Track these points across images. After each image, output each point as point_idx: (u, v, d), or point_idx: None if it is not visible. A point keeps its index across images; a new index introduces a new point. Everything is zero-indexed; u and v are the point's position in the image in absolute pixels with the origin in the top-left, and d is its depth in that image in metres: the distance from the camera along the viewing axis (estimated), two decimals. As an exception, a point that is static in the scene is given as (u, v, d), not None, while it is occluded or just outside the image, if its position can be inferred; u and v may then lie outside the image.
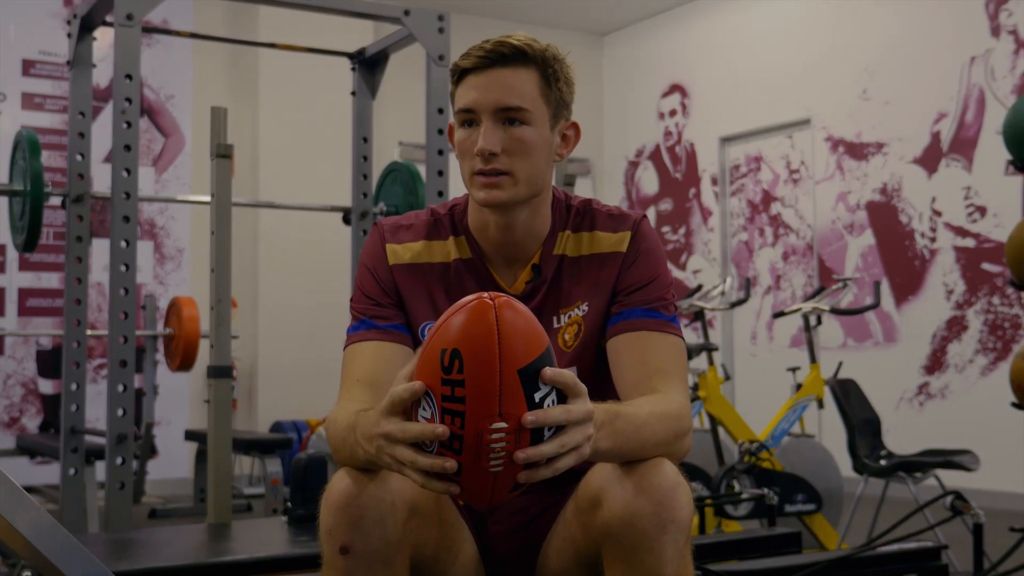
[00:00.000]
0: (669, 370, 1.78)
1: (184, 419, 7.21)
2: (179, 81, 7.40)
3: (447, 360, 1.39)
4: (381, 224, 1.93)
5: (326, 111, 7.54)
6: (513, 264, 1.89)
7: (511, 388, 1.39)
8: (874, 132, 7.02)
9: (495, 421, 1.38)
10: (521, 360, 1.40)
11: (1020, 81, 6.23)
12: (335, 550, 1.60)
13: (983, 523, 3.00)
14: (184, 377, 6.98)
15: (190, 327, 6.25)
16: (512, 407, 1.39)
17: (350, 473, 1.64)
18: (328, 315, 7.44)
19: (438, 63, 4.16)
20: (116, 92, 3.63)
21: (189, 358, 6.31)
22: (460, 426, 1.39)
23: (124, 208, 3.60)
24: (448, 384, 1.39)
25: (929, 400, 6.60)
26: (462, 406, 1.39)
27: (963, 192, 6.49)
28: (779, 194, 7.75)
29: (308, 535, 2.75)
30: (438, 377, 1.40)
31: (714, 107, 8.26)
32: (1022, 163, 3.36)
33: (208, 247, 7.27)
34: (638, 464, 1.62)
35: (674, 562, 1.58)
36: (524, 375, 1.40)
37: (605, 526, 1.62)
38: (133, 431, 3.58)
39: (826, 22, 7.42)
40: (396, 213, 4.68)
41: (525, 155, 1.79)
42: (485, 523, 1.90)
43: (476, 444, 1.39)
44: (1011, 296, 6.20)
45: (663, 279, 1.88)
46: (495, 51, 1.78)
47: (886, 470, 4.17)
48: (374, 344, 1.82)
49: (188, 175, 7.36)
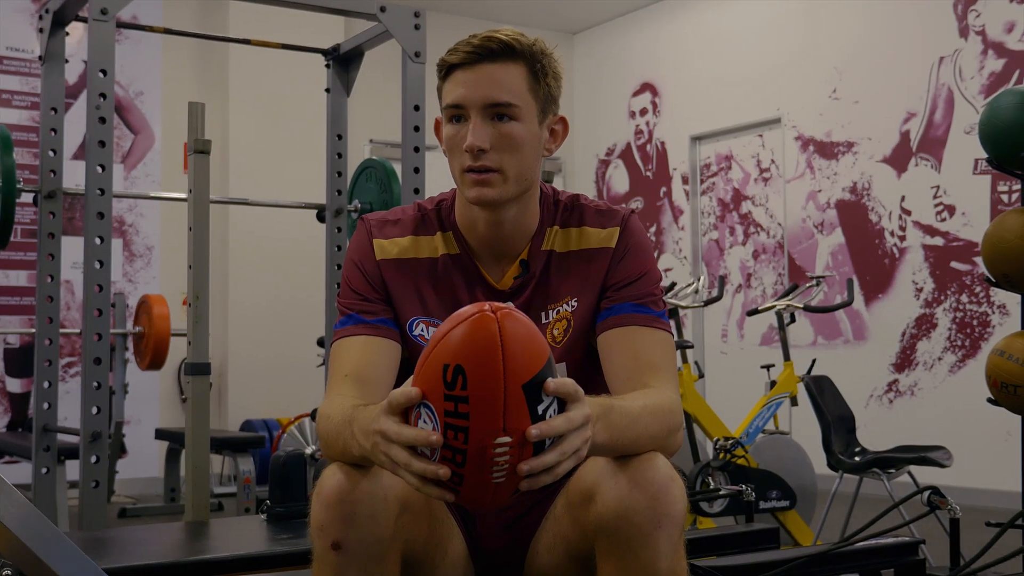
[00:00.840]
0: (659, 365, 1.78)
1: (153, 418, 7.16)
2: (148, 77, 7.34)
3: (450, 376, 1.37)
4: (368, 219, 1.92)
5: (297, 107, 7.51)
6: (501, 260, 1.89)
7: (515, 403, 1.37)
8: (844, 131, 7.07)
9: (499, 436, 1.37)
10: (525, 375, 1.38)
11: (988, 81, 6.29)
12: (327, 546, 1.59)
13: (959, 518, 3.01)
14: (153, 376, 6.93)
15: (160, 325, 6.20)
16: (516, 422, 1.38)
17: (342, 468, 1.63)
18: (298, 313, 7.41)
19: (414, 60, 4.15)
20: (90, 87, 3.59)
21: (160, 356, 6.26)
22: (464, 441, 1.37)
23: (99, 204, 3.56)
24: (451, 400, 1.37)
25: (899, 397, 6.65)
26: (466, 422, 1.37)
27: (932, 191, 6.55)
28: (749, 193, 7.79)
29: (288, 533, 2.73)
30: (440, 392, 1.38)
31: (685, 106, 8.29)
32: (998, 161, 3.39)
33: (179, 244, 7.28)
34: (631, 458, 1.62)
35: (668, 556, 1.59)
36: (528, 389, 1.38)
37: (599, 521, 1.62)
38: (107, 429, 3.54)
39: (796, 22, 7.46)
40: (370, 211, 4.66)
41: (514, 151, 1.79)
42: (474, 520, 1.89)
43: (480, 458, 1.38)
44: (979, 294, 6.26)
45: (652, 275, 1.88)
46: (483, 46, 1.78)
47: (861, 466, 4.20)
48: (362, 339, 1.81)
49: (158, 172, 7.30)
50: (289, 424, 6.37)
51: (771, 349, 7.38)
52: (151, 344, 6.25)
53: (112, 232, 3.72)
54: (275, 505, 2.93)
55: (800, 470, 4.68)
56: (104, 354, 3.56)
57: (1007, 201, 6.15)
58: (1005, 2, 6.22)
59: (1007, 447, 5.90)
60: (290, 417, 6.75)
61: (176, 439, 6.17)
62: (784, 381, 4.68)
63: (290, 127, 7.52)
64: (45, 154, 4.09)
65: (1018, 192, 6.09)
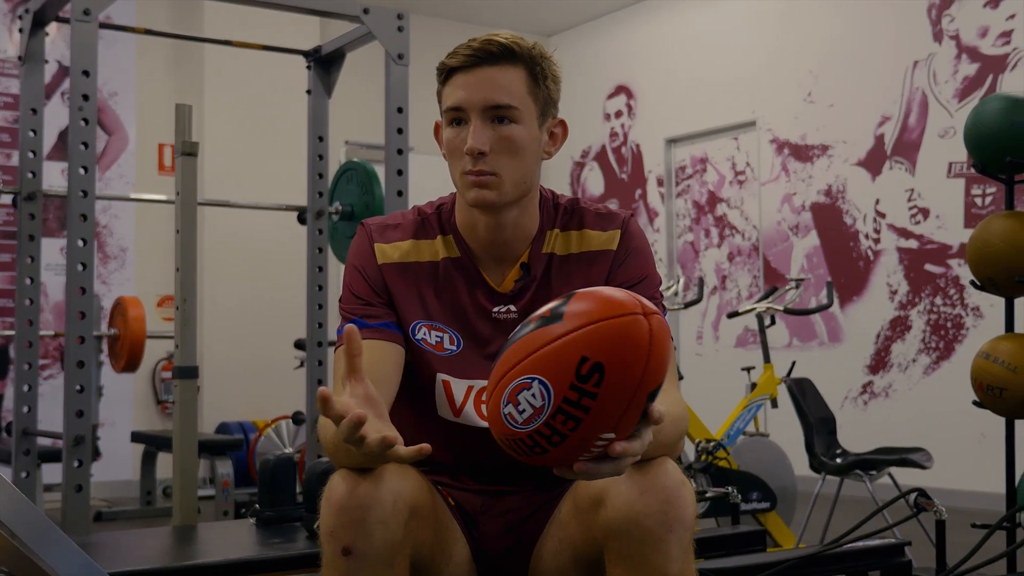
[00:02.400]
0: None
1: (127, 421, 7.10)
2: (122, 78, 7.28)
3: (586, 370, 1.33)
4: (368, 224, 1.92)
5: (273, 109, 7.49)
6: (501, 263, 1.89)
7: (636, 408, 1.37)
8: (819, 134, 7.11)
9: (607, 432, 1.37)
10: (654, 384, 1.37)
11: (962, 85, 6.35)
12: (337, 551, 1.59)
13: (946, 519, 3.04)
14: (127, 378, 6.87)
15: (136, 327, 6.14)
16: (628, 423, 1.38)
17: (350, 474, 1.62)
18: (274, 315, 7.39)
19: (397, 62, 4.14)
20: (73, 88, 3.56)
21: (135, 359, 6.20)
22: (572, 428, 1.35)
23: (81, 206, 3.54)
24: (577, 391, 1.34)
25: (873, 399, 6.70)
26: (583, 415, 1.35)
27: (906, 194, 6.60)
28: (725, 195, 7.83)
29: (279, 537, 2.72)
30: (568, 381, 1.34)
31: (660, 108, 8.31)
32: (983, 166, 3.42)
33: (154, 246, 7.24)
34: (642, 463, 1.62)
35: (679, 560, 1.59)
36: (650, 397, 1.37)
37: (609, 525, 1.62)
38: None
39: (771, 25, 7.50)
40: (352, 213, 4.65)
41: (514, 154, 1.79)
42: (477, 523, 1.89)
43: (577, 447, 1.38)
44: (953, 297, 6.31)
45: (653, 278, 1.89)
46: (483, 49, 1.78)
47: (843, 468, 4.23)
48: (365, 343, 1.81)
49: (132, 173, 7.25)
50: (266, 427, 6.34)
51: (746, 351, 7.42)
52: (126, 346, 6.19)
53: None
54: (264, 509, 2.91)
55: (780, 472, 4.71)
56: (88, 357, 3.53)
57: (980, 204, 6.21)
58: (979, 7, 6.28)
59: (981, 449, 5.97)
60: (267, 420, 6.71)
61: (152, 442, 6.13)
62: (764, 383, 4.70)
63: (266, 128, 7.49)
64: (25, 155, 4.06)
65: (991, 195, 6.17)
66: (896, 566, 2.98)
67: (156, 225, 7.34)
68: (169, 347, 7.27)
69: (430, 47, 7.59)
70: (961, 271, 6.27)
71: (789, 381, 4.49)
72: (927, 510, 3.01)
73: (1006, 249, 3.30)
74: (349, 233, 4.72)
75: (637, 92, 8.50)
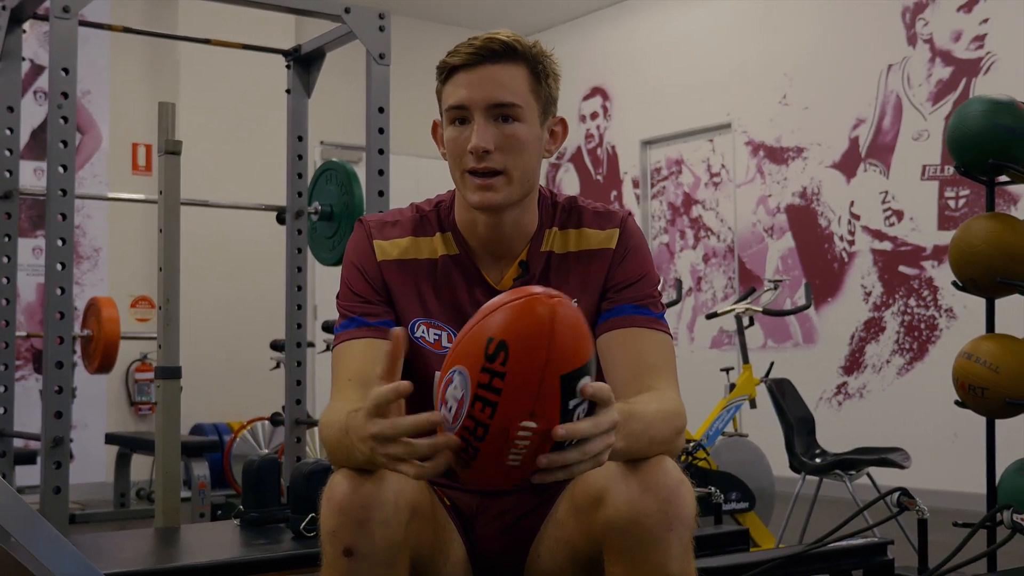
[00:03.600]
0: (662, 367, 1.79)
1: (100, 422, 7.05)
2: (96, 76, 7.22)
3: (492, 349, 1.37)
4: (366, 221, 1.91)
5: (249, 108, 7.45)
6: (500, 261, 1.89)
7: (550, 392, 1.37)
8: (794, 137, 7.15)
9: (525, 420, 1.37)
10: (566, 366, 1.38)
11: (935, 89, 6.40)
12: (338, 552, 1.58)
13: (927, 518, 3.06)
14: (100, 379, 6.82)
15: (110, 328, 6.09)
16: (545, 410, 1.37)
17: (350, 474, 1.61)
18: (250, 316, 7.35)
19: (379, 62, 4.12)
20: (52, 86, 3.52)
21: (109, 360, 6.15)
22: (490, 416, 1.37)
23: (60, 205, 3.50)
24: (488, 372, 1.37)
25: (847, 400, 6.74)
26: (497, 397, 1.37)
27: (880, 196, 6.65)
28: (700, 197, 7.85)
29: (264, 538, 2.70)
30: (479, 363, 1.38)
31: (635, 110, 8.33)
32: (966, 168, 3.45)
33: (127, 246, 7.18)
34: (641, 462, 1.62)
35: (679, 559, 1.59)
36: (565, 381, 1.38)
37: (609, 524, 1.61)
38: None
39: (747, 28, 7.53)
40: (331, 213, 4.63)
41: (518, 152, 1.78)
42: (473, 524, 1.89)
43: (501, 437, 1.38)
44: (927, 298, 6.36)
45: (651, 277, 1.89)
46: (485, 47, 1.77)
47: (823, 468, 4.25)
48: (364, 342, 1.80)
49: (105, 172, 7.18)
50: (242, 428, 6.30)
51: (721, 352, 7.45)
52: (100, 347, 6.14)
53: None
54: (248, 510, 2.89)
55: (758, 472, 4.72)
56: (66, 358, 3.50)
57: (954, 207, 6.26)
58: (952, 11, 6.33)
59: (955, 448, 6.02)
60: (242, 421, 6.67)
61: (127, 443, 6.09)
62: (743, 384, 4.71)
63: (241, 127, 7.45)
64: (1, 153, 4.01)
65: (965, 198, 6.22)
66: (878, 565, 3.00)
67: (130, 225, 7.29)
68: (143, 348, 7.23)
69: (406, 47, 7.59)
70: (935, 273, 6.32)
71: (769, 381, 4.51)
72: (910, 509, 3.04)
73: (988, 250, 3.33)
74: (328, 233, 4.70)
75: (612, 94, 8.51)
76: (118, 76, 7.33)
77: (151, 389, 7.32)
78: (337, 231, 4.65)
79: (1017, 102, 3.45)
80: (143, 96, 7.49)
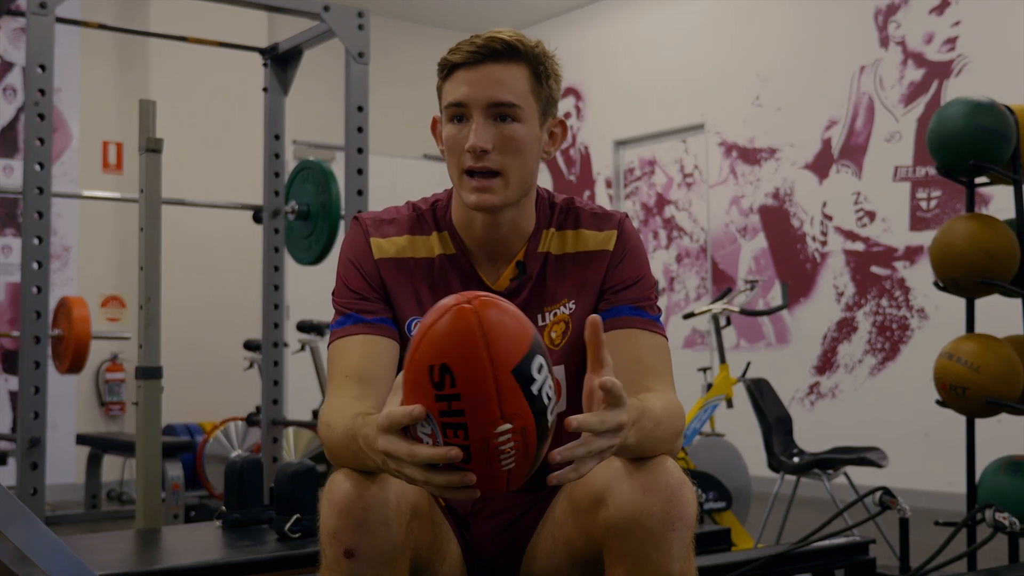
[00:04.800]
0: (660, 369, 1.79)
1: (70, 423, 6.97)
2: (66, 74, 7.13)
3: (437, 376, 1.35)
4: (363, 219, 1.89)
5: (221, 106, 7.40)
6: (496, 261, 1.87)
7: (508, 389, 1.36)
8: (767, 138, 7.18)
9: (499, 424, 1.35)
10: (513, 359, 1.36)
11: (907, 91, 6.44)
12: (339, 553, 1.57)
13: (909, 517, 3.08)
14: (70, 379, 6.75)
15: (81, 328, 6.03)
16: (513, 407, 1.36)
17: (352, 475, 1.60)
18: (223, 315, 7.30)
19: (358, 60, 4.10)
20: (29, 83, 3.49)
21: (79, 360, 6.09)
22: (464, 437, 1.36)
23: (37, 203, 3.47)
24: (444, 400, 1.35)
25: (820, 399, 6.78)
26: (462, 418, 1.35)
27: (853, 197, 6.69)
28: (673, 197, 7.87)
29: (249, 540, 2.68)
30: (431, 395, 1.36)
31: (608, 111, 8.34)
32: (947, 170, 3.47)
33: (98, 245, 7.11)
34: (643, 462, 1.62)
35: (681, 559, 1.59)
36: (519, 373, 1.37)
37: (610, 524, 1.61)
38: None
39: (720, 30, 7.56)
40: (308, 212, 4.60)
41: (516, 153, 1.77)
42: (468, 525, 1.88)
43: (484, 451, 1.36)
44: (899, 298, 6.41)
45: (648, 279, 1.89)
46: (487, 46, 1.76)
47: (802, 467, 4.27)
48: (361, 338, 1.78)
49: (75, 170, 7.11)
50: (215, 429, 6.25)
51: (695, 352, 7.48)
52: (71, 347, 6.08)
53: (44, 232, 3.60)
54: (231, 511, 2.86)
55: (735, 472, 4.74)
56: (43, 358, 3.46)
57: (925, 208, 6.31)
58: (924, 14, 6.38)
59: (926, 448, 6.07)
60: (215, 421, 6.63)
61: (98, 444, 6.03)
62: (720, 383, 4.72)
63: (213, 125, 7.40)
64: (-25, 151, 3.96)
65: (936, 199, 6.27)
66: (860, 564, 3.01)
67: (100, 224, 7.22)
68: (113, 348, 7.16)
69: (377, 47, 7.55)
70: (907, 273, 6.37)
71: (748, 381, 4.52)
72: (892, 508, 3.05)
73: (970, 250, 3.35)
74: (304, 233, 4.67)
75: (586, 94, 8.52)
76: (88, 73, 7.26)
77: (121, 389, 7.26)
78: (314, 231, 4.62)
79: (998, 104, 3.48)
80: (113, 94, 7.42)
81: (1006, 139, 3.39)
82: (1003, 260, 3.36)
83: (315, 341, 6.22)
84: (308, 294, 6.37)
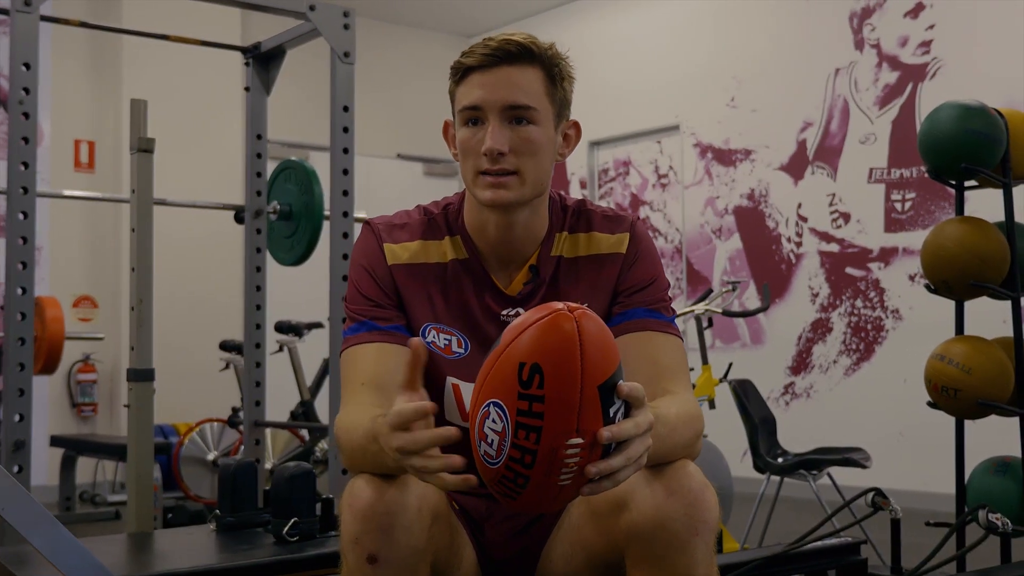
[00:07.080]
0: (677, 371, 1.79)
1: (43, 425, 6.89)
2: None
3: (526, 375, 1.35)
4: (375, 224, 1.88)
5: (197, 105, 7.34)
6: (509, 265, 1.87)
7: (590, 404, 1.36)
8: (742, 139, 7.22)
9: (572, 437, 1.35)
10: (601, 375, 1.37)
11: (882, 93, 6.49)
12: (362, 559, 1.55)
13: (900, 518, 3.10)
14: (42, 381, 6.67)
15: (54, 328, 5.97)
16: (589, 423, 1.36)
17: (373, 480, 1.59)
18: (198, 315, 7.24)
19: (343, 60, 4.08)
20: (13, 82, 3.44)
21: (53, 361, 6.03)
22: (535, 441, 1.35)
23: (21, 203, 3.43)
24: (526, 399, 1.35)
25: (795, 400, 6.82)
26: (540, 421, 1.35)
27: (828, 199, 6.74)
28: (648, 198, 7.89)
29: (245, 543, 2.66)
30: (514, 391, 1.35)
31: (583, 111, 8.20)
32: (937, 173, 3.50)
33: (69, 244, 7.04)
34: (665, 466, 1.62)
35: (705, 563, 1.59)
36: (603, 390, 1.37)
37: (632, 528, 1.61)
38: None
39: (696, 31, 7.59)
40: (290, 212, 4.57)
41: (532, 154, 1.77)
42: (482, 529, 1.87)
43: (550, 460, 1.36)
44: (873, 299, 6.46)
45: (661, 281, 1.89)
46: (501, 49, 1.76)
47: (787, 468, 4.28)
48: (376, 346, 1.77)
49: (47, 170, 7.03)
50: (190, 430, 6.20)
51: (670, 352, 7.49)
52: (44, 348, 6.01)
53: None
54: (225, 515, 2.84)
55: (718, 473, 4.74)
56: (27, 359, 3.42)
57: (900, 210, 6.36)
58: (899, 17, 6.44)
59: (900, 447, 6.12)
60: (189, 422, 6.57)
61: (73, 446, 5.97)
62: (703, 384, 4.73)
63: (186, 124, 7.32)
64: (-45, 149, 3.91)
65: (911, 201, 6.32)
66: (852, 564, 3.03)
67: (71, 223, 7.15)
68: (85, 348, 7.09)
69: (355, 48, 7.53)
70: (881, 275, 6.42)
71: (733, 382, 4.54)
72: (884, 509, 3.07)
73: (961, 253, 3.38)
74: (286, 233, 4.64)
75: (560, 94, 8.51)
76: (60, 72, 7.18)
77: (93, 390, 7.19)
78: (296, 231, 4.59)
79: (988, 108, 3.51)
80: (85, 92, 7.35)
81: (996, 143, 3.42)
82: (993, 263, 3.39)
83: (293, 342, 6.18)
84: (286, 295, 6.33)
